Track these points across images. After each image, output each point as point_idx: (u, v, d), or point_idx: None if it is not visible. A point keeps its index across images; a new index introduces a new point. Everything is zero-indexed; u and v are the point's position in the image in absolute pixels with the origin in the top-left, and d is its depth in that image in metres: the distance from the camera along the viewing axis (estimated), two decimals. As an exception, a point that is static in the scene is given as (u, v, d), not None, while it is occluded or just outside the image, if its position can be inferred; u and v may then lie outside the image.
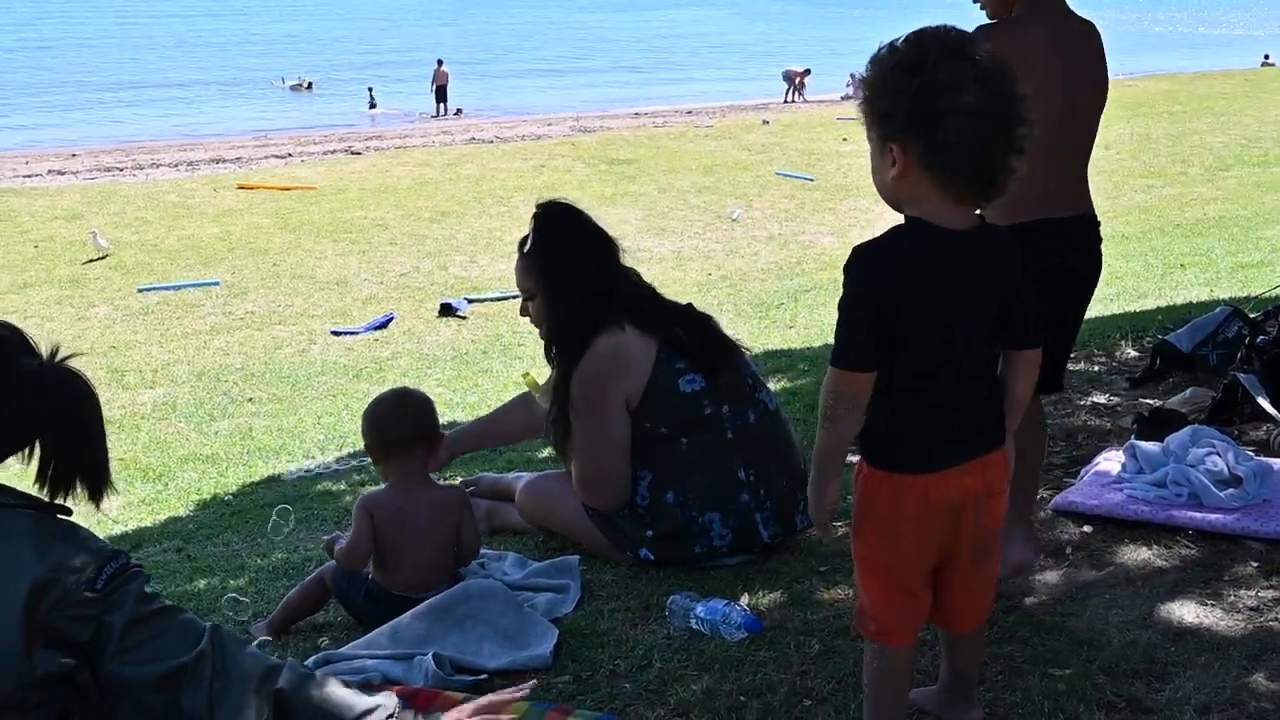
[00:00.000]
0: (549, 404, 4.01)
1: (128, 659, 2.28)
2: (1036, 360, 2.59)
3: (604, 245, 3.99)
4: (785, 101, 37.53)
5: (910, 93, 2.31)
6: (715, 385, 3.85)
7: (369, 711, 2.45)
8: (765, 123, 28.25)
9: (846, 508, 2.66)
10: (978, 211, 2.44)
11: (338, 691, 2.46)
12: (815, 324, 8.29)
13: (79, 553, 2.27)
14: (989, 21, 3.49)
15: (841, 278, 2.43)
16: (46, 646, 2.23)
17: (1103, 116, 3.52)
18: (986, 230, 2.46)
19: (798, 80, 37.63)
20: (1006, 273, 2.49)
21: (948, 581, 2.59)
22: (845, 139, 23.13)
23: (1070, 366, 5.92)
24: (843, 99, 35.10)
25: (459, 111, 36.42)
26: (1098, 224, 3.52)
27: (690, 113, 34.25)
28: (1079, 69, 3.41)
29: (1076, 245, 3.46)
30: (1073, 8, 3.56)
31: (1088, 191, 3.51)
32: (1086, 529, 3.91)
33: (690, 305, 4.08)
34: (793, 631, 3.31)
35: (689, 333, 3.90)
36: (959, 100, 2.30)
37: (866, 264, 2.39)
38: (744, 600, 3.49)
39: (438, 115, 35.84)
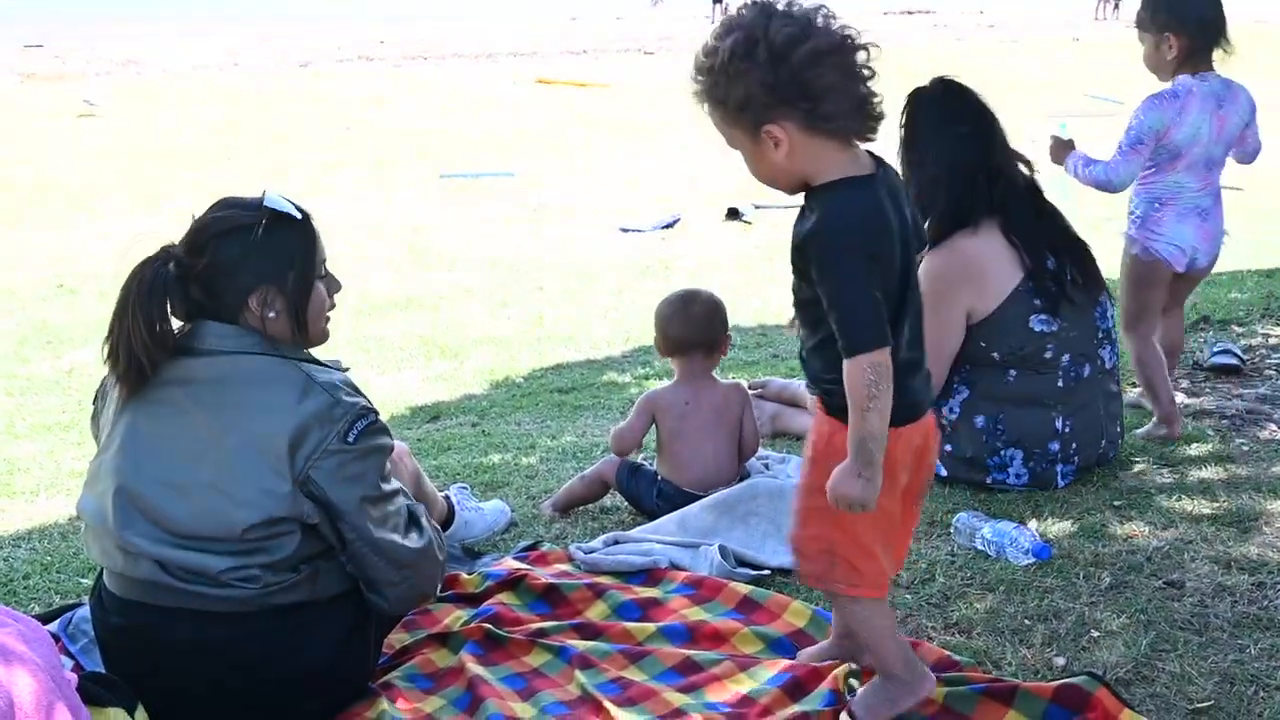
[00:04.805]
0: None
1: (362, 520, 2.55)
2: None
3: (979, 129, 3.74)
4: (1096, 19, 35.70)
5: (760, 68, 2.21)
6: (1066, 332, 3.69)
7: None
8: (1075, 39, 26.96)
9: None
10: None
11: None
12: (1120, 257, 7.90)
13: (336, 405, 2.50)
14: None
15: (831, 251, 2.25)
16: (305, 496, 2.48)
17: None
18: (885, 165, 2.35)
19: (1113, -1, 35.69)
20: (909, 206, 2.37)
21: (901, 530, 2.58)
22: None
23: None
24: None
25: None
26: None
27: (992, 26, 33.02)
28: None
29: None
30: None
31: None
32: None
33: (1065, 222, 3.83)
34: (1082, 562, 3.23)
35: (1058, 263, 3.70)
36: (805, 51, 2.19)
37: (861, 230, 2.25)
38: (1033, 525, 3.43)
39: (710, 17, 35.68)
